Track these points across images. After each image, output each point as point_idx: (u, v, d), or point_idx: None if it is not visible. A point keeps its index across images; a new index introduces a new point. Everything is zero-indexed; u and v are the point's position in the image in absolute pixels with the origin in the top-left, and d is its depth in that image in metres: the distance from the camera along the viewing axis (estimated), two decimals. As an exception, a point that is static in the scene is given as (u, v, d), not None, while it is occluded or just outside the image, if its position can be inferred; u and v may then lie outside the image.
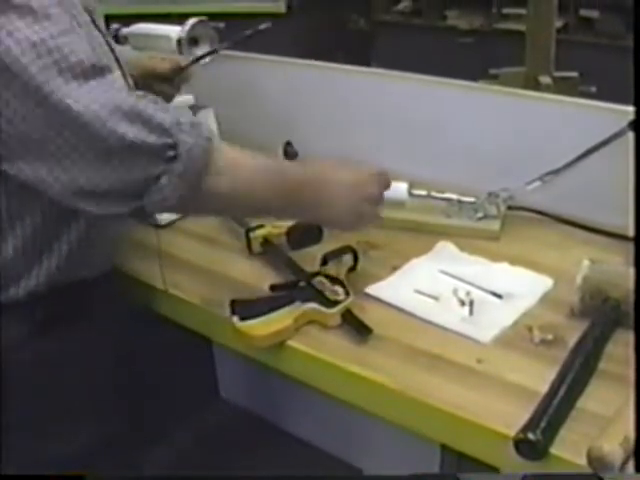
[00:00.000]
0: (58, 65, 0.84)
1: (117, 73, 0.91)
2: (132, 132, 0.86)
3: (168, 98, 1.38)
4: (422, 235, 1.32)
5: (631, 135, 1.18)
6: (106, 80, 0.88)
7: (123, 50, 1.38)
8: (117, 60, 1.13)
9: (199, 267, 1.27)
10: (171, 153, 0.88)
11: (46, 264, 1.03)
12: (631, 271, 0.99)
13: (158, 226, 1.37)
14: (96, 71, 0.87)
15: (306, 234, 1.29)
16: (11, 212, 0.98)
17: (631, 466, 0.78)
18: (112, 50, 1.11)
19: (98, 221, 1.04)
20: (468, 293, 1.13)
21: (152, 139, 0.87)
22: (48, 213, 1.00)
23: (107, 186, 0.88)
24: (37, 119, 0.84)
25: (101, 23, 1.15)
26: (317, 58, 1.75)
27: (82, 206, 0.91)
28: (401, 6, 4.49)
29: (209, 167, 0.92)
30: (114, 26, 1.44)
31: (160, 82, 1.35)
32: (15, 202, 0.97)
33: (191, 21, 1.34)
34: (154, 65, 1.35)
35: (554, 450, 0.83)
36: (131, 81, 1.16)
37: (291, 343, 1.06)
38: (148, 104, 0.90)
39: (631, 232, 1.13)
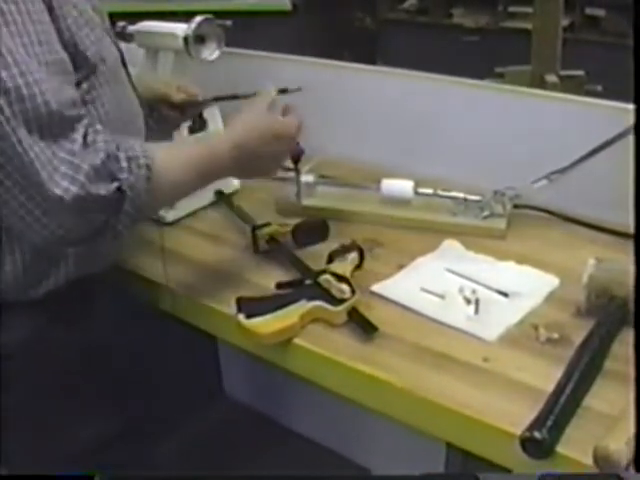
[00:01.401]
0: (26, 115, 0.86)
1: (84, 122, 0.93)
2: (82, 189, 0.89)
3: (175, 123, 1.38)
4: (428, 233, 1.32)
5: (632, 136, 1.18)
6: (67, 138, 0.90)
7: (141, 71, 1.38)
8: (125, 66, 1.14)
9: (205, 265, 1.27)
10: (116, 196, 0.93)
11: (64, 266, 1.05)
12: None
13: (164, 223, 1.38)
14: (62, 125, 0.89)
15: (312, 232, 1.30)
16: None
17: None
18: (122, 56, 1.12)
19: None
20: (474, 291, 1.13)
21: (99, 191, 0.90)
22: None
23: (58, 236, 0.92)
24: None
25: (107, 23, 1.16)
26: (323, 56, 1.75)
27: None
28: (407, 4, 4.49)
29: (152, 190, 0.97)
30: (120, 24, 1.43)
31: (170, 109, 1.34)
32: None
33: (197, 19, 1.34)
34: (168, 93, 1.33)
35: (560, 449, 0.83)
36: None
37: (297, 341, 1.06)
38: (88, 154, 0.91)
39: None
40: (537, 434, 0.82)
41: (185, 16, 1.37)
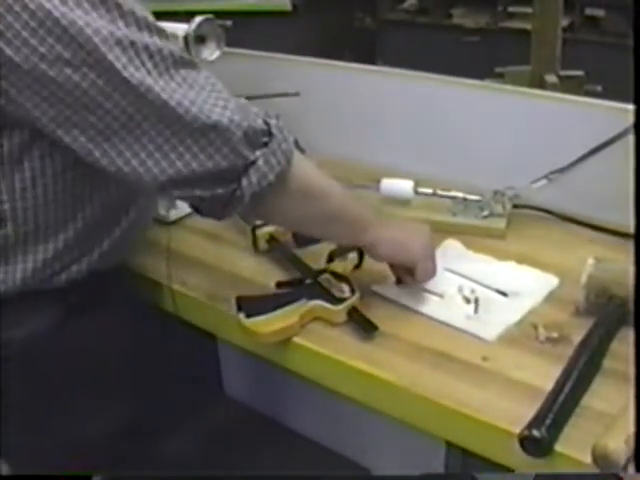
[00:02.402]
0: (153, 59, 0.87)
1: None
2: (235, 118, 0.90)
3: None
4: (428, 233, 1.32)
5: (632, 136, 1.18)
6: (198, 72, 0.92)
7: None
8: None
9: (205, 264, 1.28)
10: (265, 139, 0.94)
11: (94, 253, 1.06)
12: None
13: (166, 223, 1.38)
14: (188, 63, 0.91)
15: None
16: (71, 202, 1.00)
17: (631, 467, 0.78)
18: None
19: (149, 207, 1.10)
20: (473, 291, 1.13)
21: (252, 123, 0.92)
22: (107, 203, 1.04)
23: (206, 171, 0.91)
24: (133, 108, 0.87)
25: None
26: (323, 56, 1.75)
27: (178, 192, 0.94)
28: (407, 4, 4.48)
29: (294, 152, 0.98)
30: (121, 24, 1.43)
31: None
32: (76, 192, 1.00)
33: (198, 19, 1.34)
34: None
35: (559, 447, 0.83)
36: None
37: (297, 340, 1.06)
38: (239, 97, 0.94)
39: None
40: (536, 432, 0.82)
41: (185, 16, 1.37)
